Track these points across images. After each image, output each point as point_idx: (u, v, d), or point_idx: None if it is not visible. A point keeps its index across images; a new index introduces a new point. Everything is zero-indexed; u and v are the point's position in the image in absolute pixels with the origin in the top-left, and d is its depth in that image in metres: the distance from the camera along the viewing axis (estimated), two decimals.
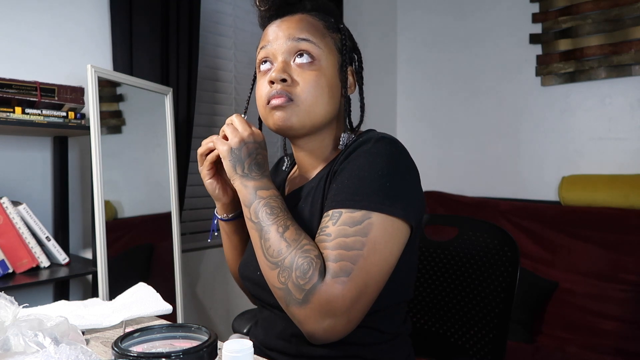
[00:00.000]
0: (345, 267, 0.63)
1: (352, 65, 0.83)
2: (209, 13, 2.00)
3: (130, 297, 0.92)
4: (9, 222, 1.31)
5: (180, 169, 1.75)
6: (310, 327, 0.64)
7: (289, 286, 0.64)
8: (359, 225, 0.65)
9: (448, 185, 2.60)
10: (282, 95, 0.73)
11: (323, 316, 0.62)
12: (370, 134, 0.75)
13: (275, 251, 0.67)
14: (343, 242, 0.64)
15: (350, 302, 0.63)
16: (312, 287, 0.62)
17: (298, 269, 0.64)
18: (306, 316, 0.63)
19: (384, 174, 0.68)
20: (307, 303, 0.63)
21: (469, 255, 1.03)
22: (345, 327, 0.64)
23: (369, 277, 0.64)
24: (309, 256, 0.64)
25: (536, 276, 2.01)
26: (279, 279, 0.65)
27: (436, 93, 2.75)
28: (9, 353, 0.53)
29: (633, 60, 2.07)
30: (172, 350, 0.48)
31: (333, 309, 0.62)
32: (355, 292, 0.63)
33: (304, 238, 0.67)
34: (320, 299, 0.62)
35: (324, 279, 0.63)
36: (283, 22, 0.77)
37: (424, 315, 1.09)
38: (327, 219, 0.68)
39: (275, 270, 0.66)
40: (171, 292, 1.65)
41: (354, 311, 0.64)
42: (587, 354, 1.69)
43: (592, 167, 2.20)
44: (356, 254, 0.64)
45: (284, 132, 0.77)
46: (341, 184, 0.70)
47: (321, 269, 0.63)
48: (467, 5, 2.60)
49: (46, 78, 1.48)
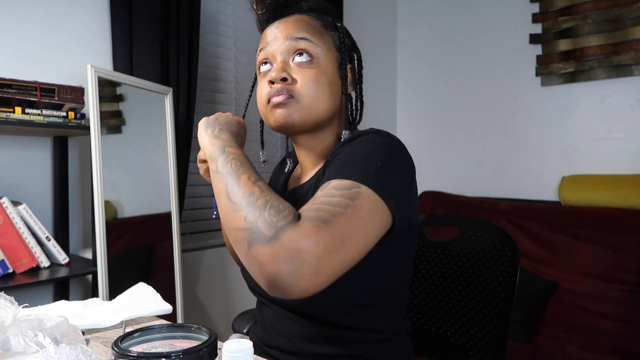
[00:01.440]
0: (324, 216, 0.59)
1: (351, 63, 0.83)
2: (209, 13, 2.00)
3: (130, 297, 0.92)
4: (9, 222, 1.31)
5: (180, 169, 1.75)
6: (274, 268, 0.56)
7: (258, 224, 0.58)
8: (347, 190, 0.62)
9: (448, 185, 2.60)
10: (282, 92, 0.74)
11: (289, 258, 0.55)
12: (370, 129, 0.76)
13: (246, 193, 0.62)
14: (327, 200, 0.61)
15: (323, 248, 0.56)
16: (286, 224, 0.57)
17: (273, 208, 0.59)
18: (272, 254, 0.56)
19: (376, 155, 0.67)
20: (275, 240, 0.56)
21: (469, 255, 1.03)
22: (312, 277, 0.56)
23: (346, 235, 0.59)
24: (284, 202, 0.61)
25: (536, 276, 2.01)
26: (246, 218, 0.60)
27: (436, 93, 2.75)
28: (9, 353, 0.53)
29: (633, 60, 2.07)
30: (172, 350, 0.48)
31: (301, 252, 0.55)
32: (330, 241, 0.57)
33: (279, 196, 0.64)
34: (291, 238, 0.56)
35: (298, 222, 0.58)
36: (281, 24, 0.78)
37: (424, 315, 1.09)
38: (318, 190, 0.66)
39: (243, 210, 0.61)
40: (171, 292, 1.65)
41: (325, 262, 0.57)
42: (587, 354, 1.68)
43: (592, 167, 2.20)
44: (338, 210, 0.60)
45: (285, 129, 0.77)
46: (334, 165, 0.69)
47: (296, 215, 0.59)
48: (467, 5, 2.60)
49: (46, 78, 1.48)
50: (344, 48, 0.79)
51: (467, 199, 2.46)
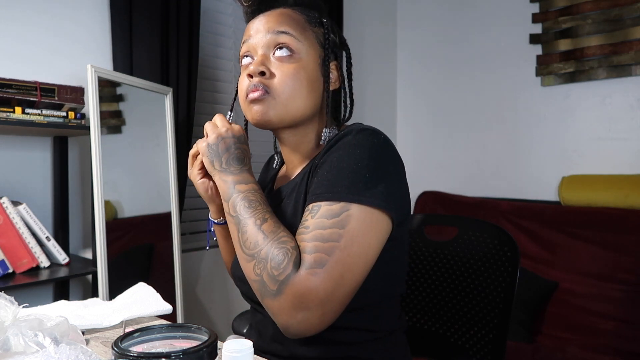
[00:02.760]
0: (320, 258, 0.62)
1: (336, 60, 0.82)
2: (209, 13, 2.00)
3: (130, 297, 0.92)
4: (9, 222, 1.31)
5: (180, 169, 1.75)
6: (284, 320, 0.62)
7: (263, 277, 0.63)
8: (337, 218, 0.64)
9: (448, 185, 2.60)
10: (258, 88, 0.73)
11: (296, 308, 0.61)
12: (354, 126, 0.75)
13: (252, 243, 0.66)
14: (319, 234, 0.63)
15: (324, 294, 0.61)
16: (286, 278, 0.61)
17: (273, 260, 0.63)
18: (280, 308, 0.62)
19: (364, 165, 0.67)
20: (280, 294, 0.61)
21: (469, 255, 1.03)
22: (321, 320, 0.62)
23: (345, 269, 0.62)
24: (284, 247, 0.63)
25: (536, 276, 2.01)
26: (255, 271, 0.65)
27: (436, 93, 2.75)
28: (9, 353, 0.53)
29: (633, 60, 2.07)
30: (172, 350, 0.48)
31: (306, 301, 0.60)
32: (330, 284, 0.61)
33: (282, 231, 0.66)
34: (293, 291, 0.61)
35: (298, 271, 0.61)
36: (264, 17, 0.77)
37: (424, 315, 1.09)
38: (307, 213, 0.67)
39: (252, 262, 0.65)
40: (171, 292, 1.65)
41: (329, 304, 0.62)
42: (587, 354, 1.68)
43: (592, 167, 2.20)
44: (332, 246, 0.62)
45: (262, 126, 0.76)
46: (321, 177, 0.69)
47: (296, 260, 0.62)
48: (467, 5, 2.60)
49: (46, 78, 1.48)
50: (327, 44, 0.78)
51: (467, 199, 2.46)
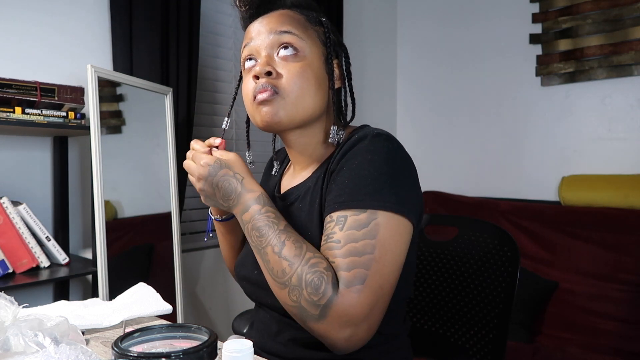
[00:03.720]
0: (359, 274, 0.61)
1: (337, 58, 0.82)
2: (209, 13, 2.00)
3: (130, 297, 0.92)
4: (9, 222, 1.30)
5: (180, 169, 1.75)
6: (332, 340, 0.62)
7: (302, 304, 0.62)
8: (367, 228, 0.64)
9: (448, 185, 2.60)
10: (267, 88, 0.72)
11: (343, 327, 0.61)
12: (366, 130, 0.74)
13: (279, 272, 0.65)
14: (353, 248, 0.63)
15: (369, 308, 0.61)
16: (328, 301, 0.60)
17: (309, 286, 0.61)
18: (326, 330, 0.62)
19: (384, 172, 0.67)
20: (324, 317, 0.61)
21: (469, 255, 1.03)
22: (367, 333, 0.63)
23: (383, 280, 0.63)
24: (317, 270, 0.62)
25: (536, 276, 2.01)
26: (290, 298, 0.63)
27: (436, 93, 2.75)
28: (9, 353, 0.53)
29: (633, 60, 2.07)
30: (172, 350, 0.48)
31: (352, 319, 0.61)
32: (372, 297, 0.62)
33: (307, 251, 0.65)
34: (338, 311, 0.60)
35: (339, 291, 0.61)
36: (264, 19, 0.77)
37: (424, 315, 1.09)
38: (333, 224, 0.66)
39: (285, 289, 0.64)
40: (171, 292, 1.65)
41: (373, 316, 0.63)
42: (587, 354, 1.68)
43: (592, 167, 2.20)
44: (368, 259, 0.62)
45: (272, 128, 0.75)
46: (341, 184, 0.69)
47: (334, 281, 0.61)
48: (467, 5, 2.60)
49: (46, 78, 1.47)
50: (329, 42, 0.78)
51: (467, 199, 2.46)
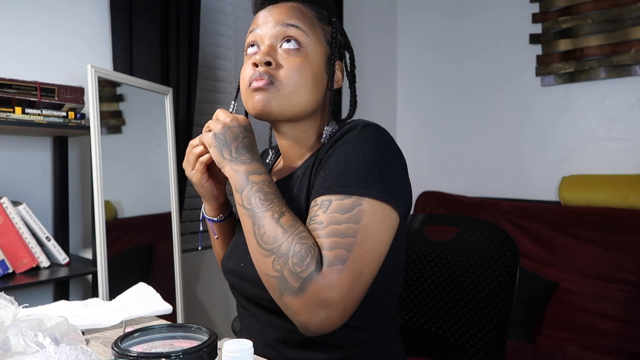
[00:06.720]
0: (340, 254, 0.61)
1: (341, 60, 0.82)
2: (209, 13, 2.00)
3: (130, 297, 0.92)
4: (9, 222, 1.30)
5: (180, 169, 1.74)
6: (305, 318, 0.61)
7: (284, 274, 0.61)
8: (350, 213, 0.63)
9: (448, 185, 2.60)
10: (263, 77, 0.72)
11: (319, 307, 0.60)
12: (356, 121, 0.74)
13: (270, 237, 0.64)
14: (336, 230, 0.62)
15: (346, 290, 0.61)
16: (309, 275, 0.60)
17: (295, 256, 0.61)
18: (301, 306, 0.61)
19: (372, 160, 0.67)
20: (302, 292, 0.60)
21: (469, 255, 1.03)
22: (341, 317, 0.62)
23: (363, 265, 0.62)
24: (306, 243, 0.62)
25: (536, 276, 2.01)
26: (274, 267, 0.63)
27: (436, 93, 2.75)
28: (9, 353, 0.53)
29: (633, 60, 2.07)
30: (172, 350, 0.48)
31: (329, 299, 0.60)
32: (351, 280, 0.61)
33: (301, 225, 0.65)
34: (317, 288, 0.60)
35: (321, 269, 0.60)
36: (274, 8, 0.77)
37: (424, 315, 1.09)
38: (317, 207, 0.66)
39: (270, 257, 0.63)
40: (171, 292, 1.65)
41: (349, 300, 0.62)
42: (587, 354, 1.69)
43: (592, 167, 2.20)
44: (350, 241, 0.62)
45: (262, 116, 0.75)
46: (329, 170, 0.68)
47: (318, 258, 0.61)
48: (467, 5, 2.60)
49: (46, 78, 1.47)
50: (334, 43, 0.78)
51: (467, 199, 2.46)
